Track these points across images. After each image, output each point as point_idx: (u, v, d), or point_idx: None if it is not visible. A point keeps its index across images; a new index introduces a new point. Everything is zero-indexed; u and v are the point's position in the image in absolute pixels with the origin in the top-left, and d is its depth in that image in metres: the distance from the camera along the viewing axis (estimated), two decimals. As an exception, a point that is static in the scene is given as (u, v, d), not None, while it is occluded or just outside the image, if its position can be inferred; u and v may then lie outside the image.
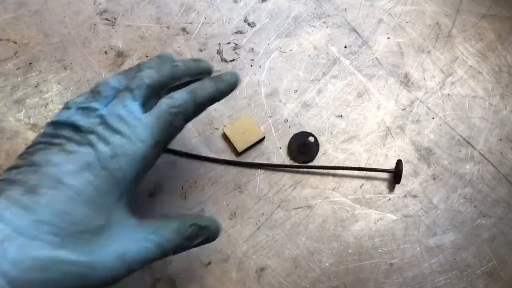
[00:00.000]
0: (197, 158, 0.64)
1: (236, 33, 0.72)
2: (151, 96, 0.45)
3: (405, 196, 0.62)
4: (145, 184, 0.63)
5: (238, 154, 0.64)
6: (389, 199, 0.62)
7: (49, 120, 0.46)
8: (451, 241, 0.60)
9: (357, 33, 0.72)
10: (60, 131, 0.41)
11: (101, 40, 0.72)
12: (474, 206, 0.62)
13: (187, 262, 0.59)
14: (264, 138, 0.65)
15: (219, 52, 0.71)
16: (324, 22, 0.73)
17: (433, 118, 0.67)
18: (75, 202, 0.37)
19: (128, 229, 0.40)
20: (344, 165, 0.64)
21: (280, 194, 0.62)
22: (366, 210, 0.62)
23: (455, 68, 0.70)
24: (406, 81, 0.69)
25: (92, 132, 0.40)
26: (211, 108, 0.67)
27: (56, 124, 0.42)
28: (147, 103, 0.44)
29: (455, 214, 0.61)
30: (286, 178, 0.63)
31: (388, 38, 0.72)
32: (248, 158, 0.65)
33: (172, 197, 0.62)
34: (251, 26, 0.73)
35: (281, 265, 0.59)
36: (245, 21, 0.73)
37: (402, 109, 0.67)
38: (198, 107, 0.47)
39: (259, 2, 0.75)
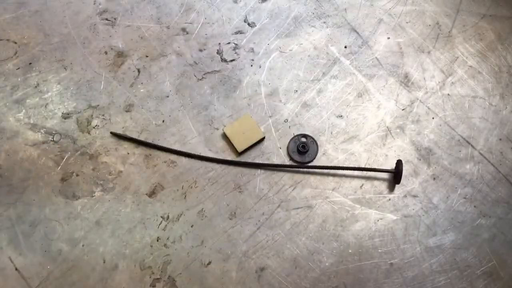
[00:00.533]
0: (197, 158, 0.64)
1: (236, 33, 0.72)
2: None
3: (405, 196, 0.62)
4: (145, 184, 0.63)
5: (238, 154, 0.64)
6: (389, 199, 0.62)
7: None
8: (451, 241, 0.60)
9: (357, 33, 0.72)
10: None
11: (101, 40, 0.72)
12: (474, 206, 0.62)
13: (187, 262, 0.59)
14: (264, 138, 0.65)
15: (219, 52, 0.71)
16: (324, 22, 0.73)
17: (433, 118, 0.67)
18: None
19: None
20: (344, 165, 0.64)
21: (280, 194, 0.62)
22: (366, 210, 0.62)
23: (455, 68, 0.70)
24: (406, 81, 0.69)
25: None
26: (211, 108, 0.68)
27: None
28: None
29: (455, 214, 0.61)
30: (286, 178, 0.63)
31: (388, 38, 0.72)
32: (248, 158, 0.65)
33: (172, 197, 0.62)
34: (251, 26, 0.73)
35: (281, 265, 0.59)
36: (245, 21, 0.73)
37: (402, 109, 0.67)
38: None
39: (259, 2, 0.75)
